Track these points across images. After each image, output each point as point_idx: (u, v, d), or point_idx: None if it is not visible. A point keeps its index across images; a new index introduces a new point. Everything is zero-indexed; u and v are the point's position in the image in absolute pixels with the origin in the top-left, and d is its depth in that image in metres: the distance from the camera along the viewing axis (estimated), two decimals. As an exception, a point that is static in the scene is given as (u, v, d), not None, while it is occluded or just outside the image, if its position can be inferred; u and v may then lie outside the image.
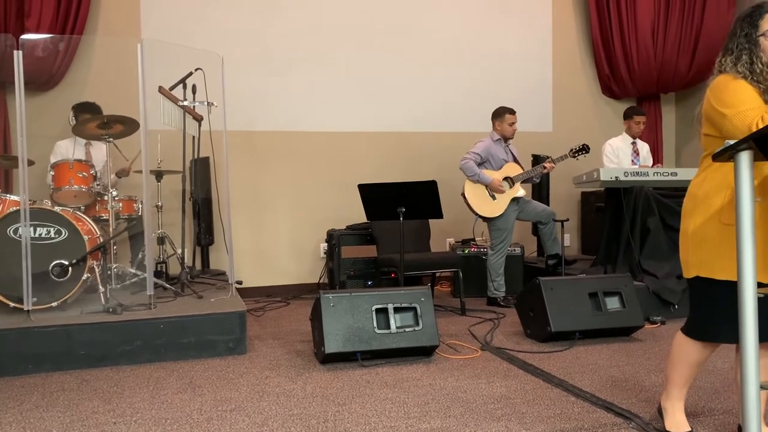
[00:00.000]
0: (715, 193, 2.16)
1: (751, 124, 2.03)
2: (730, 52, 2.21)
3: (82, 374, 3.38)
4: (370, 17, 6.09)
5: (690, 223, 2.24)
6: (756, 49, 2.16)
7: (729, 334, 2.11)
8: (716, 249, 2.14)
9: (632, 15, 6.47)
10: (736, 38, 2.21)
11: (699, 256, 2.19)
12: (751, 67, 2.15)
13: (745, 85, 2.14)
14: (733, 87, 2.15)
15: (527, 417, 2.69)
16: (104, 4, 5.49)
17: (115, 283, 4.37)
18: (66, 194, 4.35)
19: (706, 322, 2.23)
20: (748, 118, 2.06)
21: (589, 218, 6.48)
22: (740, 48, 2.18)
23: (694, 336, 2.29)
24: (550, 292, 3.93)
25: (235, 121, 5.33)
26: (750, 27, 2.19)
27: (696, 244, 2.20)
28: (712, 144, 2.22)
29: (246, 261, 5.74)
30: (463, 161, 5.10)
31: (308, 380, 3.24)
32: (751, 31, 2.18)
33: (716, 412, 2.72)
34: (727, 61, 2.21)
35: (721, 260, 2.13)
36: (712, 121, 2.21)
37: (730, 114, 2.10)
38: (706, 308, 2.22)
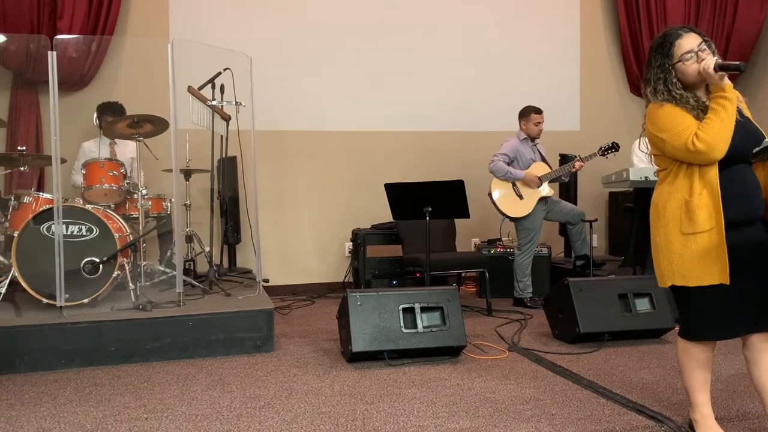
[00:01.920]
0: (671, 206, 2.29)
1: (687, 143, 2.18)
2: (648, 83, 2.34)
3: (113, 370, 3.42)
4: (396, 16, 6.08)
5: (656, 235, 2.37)
6: (670, 77, 2.28)
7: (712, 332, 2.30)
8: (683, 258, 2.26)
9: (662, 13, 6.38)
10: (652, 69, 2.33)
11: (670, 267, 2.31)
12: (670, 94, 2.27)
13: (672, 108, 2.26)
14: (662, 112, 2.29)
15: (557, 418, 2.66)
16: (134, 5, 5.56)
17: (145, 280, 4.43)
18: (97, 193, 4.41)
19: (693, 324, 2.34)
20: (682, 138, 2.21)
21: (617, 219, 6.41)
22: (656, 78, 2.31)
23: (688, 337, 2.38)
24: (579, 293, 3.89)
25: (262, 121, 5.36)
26: (663, 57, 2.29)
27: (665, 255, 2.32)
28: (662, 162, 2.39)
29: (272, 259, 5.77)
30: (491, 163, 5.08)
31: (336, 378, 3.25)
32: (664, 61, 2.28)
33: (750, 416, 2.67)
34: (647, 92, 2.34)
35: (689, 268, 2.25)
36: (654, 145, 2.36)
37: (667, 137, 2.25)
38: (689, 312, 2.34)
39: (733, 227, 2.19)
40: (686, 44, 2.25)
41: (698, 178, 2.22)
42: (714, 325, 2.28)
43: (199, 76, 4.81)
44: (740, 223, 2.21)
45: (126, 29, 5.55)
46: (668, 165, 2.33)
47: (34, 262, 3.76)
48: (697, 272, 2.22)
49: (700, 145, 2.15)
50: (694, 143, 2.16)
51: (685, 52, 2.25)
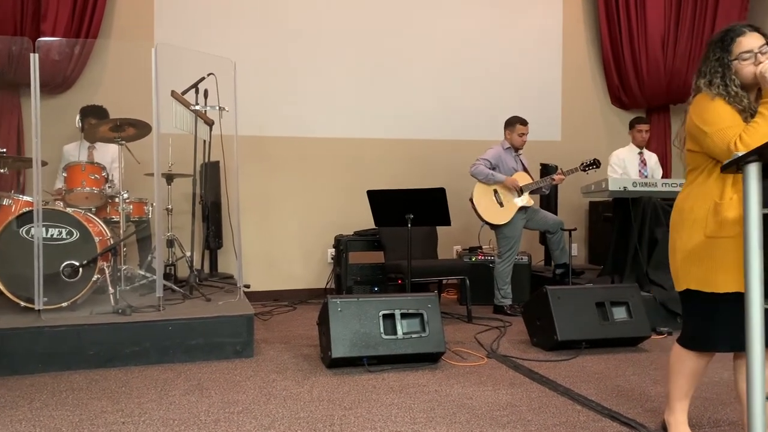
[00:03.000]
0: (699, 208, 2.23)
1: (730, 143, 2.12)
2: (703, 75, 2.28)
3: (91, 374, 3.41)
4: (381, 25, 6.13)
5: (677, 238, 2.31)
6: (729, 73, 2.22)
7: (724, 342, 2.20)
8: (704, 262, 2.20)
9: (642, 26, 6.49)
10: (708, 62, 2.27)
11: (688, 270, 2.26)
12: (726, 89, 2.21)
13: (724, 103, 2.20)
14: (713, 106, 2.22)
15: (532, 424, 2.69)
16: (118, 8, 5.56)
17: (125, 284, 4.41)
18: (78, 196, 4.39)
19: (700, 332, 2.28)
20: (727, 136, 2.13)
21: (597, 228, 6.49)
22: (713, 72, 2.24)
23: (690, 346, 2.33)
24: (557, 301, 3.94)
25: (246, 126, 5.36)
26: (722, 51, 2.24)
27: (684, 258, 2.27)
28: (695, 159, 2.31)
29: (254, 265, 5.76)
30: (473, 166, 5.14)
31: (315, 384, 3.26)
32: (723, 55, 2.23)
33: (722, 423, 2.72)
34: (701, 84, 2.28)
35: (709, 273, 2.19)
36: (694, 138, 2.29)
37: (711, 132, 2.18)
38: (700, 319, 2.28)
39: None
40: (747, 43, 2.20)
41: (731, 183, 2.17)
42: (724, 335, 2.19)
43: (183, 81, 4.82)
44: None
45: (110, 32, 5.55)
46: (701, 164, 2.27)
47: (13, 265, 3.73)
48: (716, 278, 2.16)
49: (742, 147, 2.07)
50: (737, 145, 2.08)
51: (744, 51, 2.19)
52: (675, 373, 2.41)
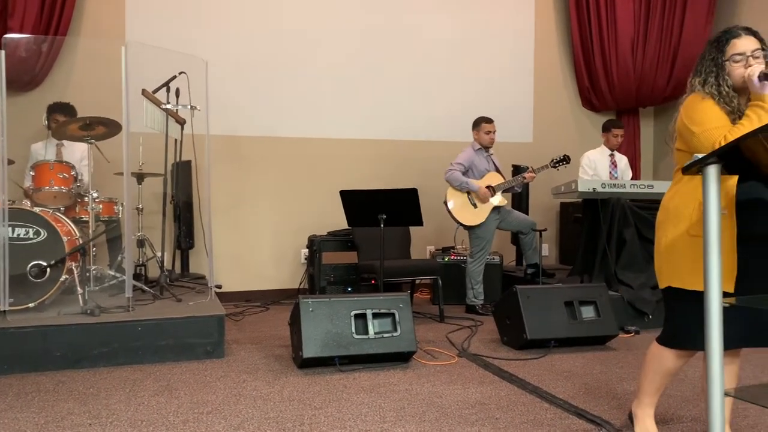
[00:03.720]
0: (685, 207, 2.26)
1: (715, 142, 2.16)
2: (699, 73, 2.31)
3: (58, 375, 3.36)
4: (354, 26, 6.14)
5: (662, 235, 2.34)
6: (722, 73, 2.26)
7: (702, 341, 2.15)
8: (686, 260, 2.23)
9: (612, 30, 6.59)
10: (704, 61, 2.31)
11: (670, 268, 2.29)
12: (718, 89, 2.25)
13: (713, 104, 2.25)
14: (702, 106, 2.26)
15: (500, 422, 2.73)
16: (89, 6, 5.49)
17: (94, 285, 4.35)
18: (46, 195, 4.32)
19: (680, 331, 2.30)
20: (713, 136, 2.18)
21: (568, 228, 6.57)
22: (707, 71, 2.28)
23: (669, 344, 2.35)
24: (526, 300, 3.99)
25: (219, 126, 5.35)
26: (717, 51, 2.28)
27: (668, 256, 2.30)
28: (683, 158, 2.33)
29: (226, 265, 5.73)
30: (448, 172, 5.17)
31: (285, 384, 3.26)
32: (717, 56, 2.27)
33: (685, 419, 2.78)
34: (695, 82, 2.31)
35: (690, 271, 2.21)
36: (683, 137, 2.33)
37: (698, 132, 2.23)
38: (680, 317, 2.30)
39: (744, 241, 2.16)
40: (741, 46, 2.24)
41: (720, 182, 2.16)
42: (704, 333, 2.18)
43: (155, 80, 4.78)
44: (750, 238, 2.17)
45: (80, 30, 5.47)
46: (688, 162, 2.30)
47: (-22, 265, 3.67)
48: (699, 276, 2.09)
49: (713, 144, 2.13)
50: (722, 144, 2.09)
51: (737, 53, 2.23)
52: (651, 370, 2.43)
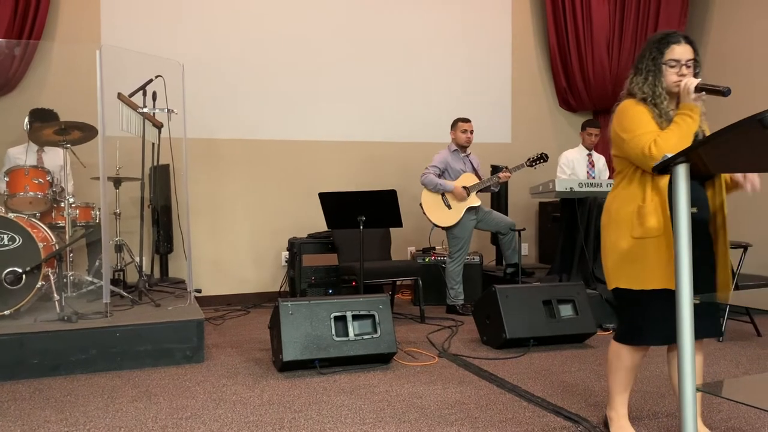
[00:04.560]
0: (624, 210, 2.35)
1: (644, 148, 2.25)
2: (640, 72, 2.38)
3: (35, 383, 3.33)
4: (331, 28, 6.14)
5: (606, 238, 2.43)
6: (659, 74, 2.34)
7: (656, 336, 2.33)
8: (631, 261, 2.32)
9: (588, 31, 6.66)
10: (645, 60, 2.38)
11: (616, 270, 2.38)
12: (653, 89, 2.34)
13: (644, 110, 2.33)
14: (632, 113, 2.35)
15: (479, 422, 2.75)
16: (63, 10, 5.43)
17: (72, 291, 4.31)
18: (21, 201, 4.28)
19: (633, 328, 2.39)
20: (642, 141, 2.27)
21: (547, 228, 6.62)
22: (647, 70, 2.36)
23: (624, 341, 2.43)
24: (505, 300, 4.02)
25: (196, 129, 5.33)
26: (657, 52, 2.35)
27: (614, 258, 2.38)
28: (620, 163, 2.45)
29: (206, 269, 5.71)
30: (423, 176, 5.21)
31: (265, 388, 3.25)
32: (657, 56, 2.34)
33: (660, 415, 2.83)
34: (637, 80, 2.38)
35: (637, 271, 2.30)
36: (615, 143, 2.42)
37: (628, 138, 2.32)
38: (631, 315, 2.39)
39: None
40: (678, 52, 2.32)
41: (650, 185, 2.28)
42: (656, 330, 2.31)
43: (131, 83, 4.75)
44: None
45: (55, 34, 5.41)
46: (625, 168, 2.40)
47: (-48, 273, 3.63)
48: (643, 276, 2.27)
49: (655, 151, 2.20)
50: (651, 149, 2.22)
51: (674, 58, 2.32)
52: (614, 368, 2.50)
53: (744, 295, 4.38)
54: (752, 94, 5.96)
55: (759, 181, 2.36)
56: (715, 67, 6.45)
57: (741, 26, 6.19)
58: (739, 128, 1.81)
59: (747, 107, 2.96)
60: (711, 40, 6.53)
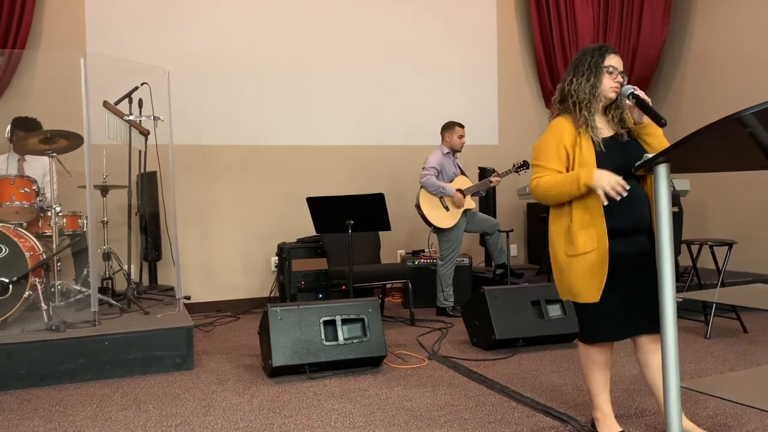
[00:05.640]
0: (555, 229, 2.50)
1: (532, 180, 2.50)
2: (580, 74, 2.49)
3: (23, 394, 3.31)
4: (318, 31, 6.15)
5: (551, 253, 2.55)
6: (600, 77, 2.46)
7: (604, 335, 2.49)
8: (569, 277, 2.44)
9: (573, 33, 6.71)
10: (586, 63, 2.48)
11: (560, 284, 2.52)
12: (594, 90, 2.46)
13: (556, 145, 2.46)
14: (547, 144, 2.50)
15: (469, 423, 2.76)
16: (47, 18, 5.41)
17: (59, 300, 4.28)
18: (7, 210, 4.25)
19: (585, 330, 2.53)
20: (535, 174, 2.50)
21: (535, 228, 6.65)
22: (590, 72, 2.47)
23: (585, 341, 2.56)
24: (494, 301, 4.04)
25: (184, 135, 5.32)
26: (599, 57, 2.48)
27: (556, 274, 2.53)
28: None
29: (195, 276, 5.69)
30: (423, 178, 5.21)
31: (255, 394, 3.25)
32: (599, 60, 2.47)
33: (648, 412, 2.85)
34: (578, 82, 2.47)
35: (575, 286, 2.44)
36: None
37: (532, 163, 2.55)
38: (583, 320, 2.52)
39: (620, 236, 2.36)
40: (615, 61, 2.47)
41: (580, 204, 2.39)
42: (605, 330, 2.46)
43: (117, 91, 4.75)
44: (626, 232, 2.39)
45: (40, 43, 5.39)
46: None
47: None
48: (580, 290, 2.41)
49: (534, 190, 2.48)
50: (533, 185, 2.48)
51: (612, 65, 2.46)
52: (586, 368, 2.59)
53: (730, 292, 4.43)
54: (734, 93, 6.03)
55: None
56: (698, 68, 6.52)
57: (723, 26, 6.26)
58: (718, 128, 1.84)
59: (729, 107, 2.99)
60: (694, 41, 6.60)
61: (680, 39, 6.76)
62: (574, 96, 2.46)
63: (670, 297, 1.99)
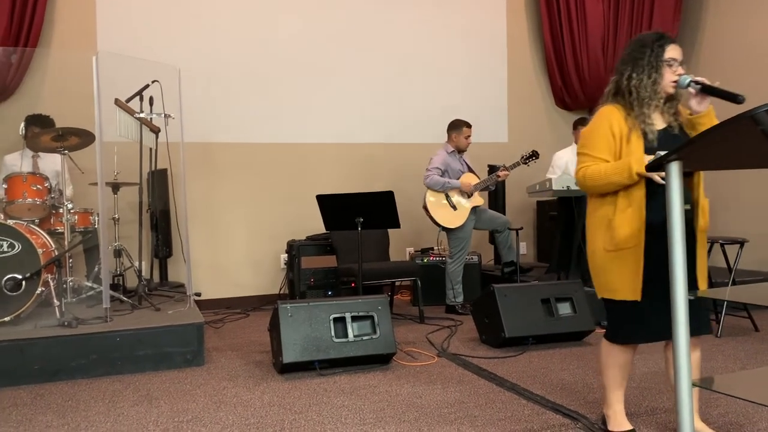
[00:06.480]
0: (595, 222, 2.43)
1: (578, 170, 2.41)
2: (641, 69, 2.35)
3: (36, 389, 3.34)
4: (326, 32, 6.16)
5: (588, 248, 2.50)
6: (661, 72, 2.34)
7: (635, 336, 2.43)
8: (607, 275, 2.40)
9: (583, 30, 6.68)
10: (646, 57, 2.35)
11: (598, 281, 2.47)
12: (656, 87, 2.34)
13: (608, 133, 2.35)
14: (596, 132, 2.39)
15: (479, 420, 2.77)
16: (59, 16, 5.44)
17: (71, 296, 4.33)
18: (19, 207, 4.29)
19: (618, 329, 2.47)
20: (581, 163, 2.41)
21: (545, 226, 6.64)
22: (651, 67, 2.34)
23: (613, 340, 2.51)
24: (504, 299, 4.03)
25: (193, 133, 5.34)
26: (659, 49, 2.34)
27: (593, 270, 2.47)
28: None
29: (205, 273, 5.72)
30: (427, 178, 5.21)
31: (266, 390, 3.27)
32: (659, 52, 2.34)
33: (658, 411, 2.84)
34: (639, 78, 2.35)
35: (606, 284, 2.40)
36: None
37: (579, 152, 2.45)
38: (618, 319, 2.46)
39: (661, 233, 2.18)
40: (674, 53, 2.35)
41: (624, 195, 2.31)
42: (640, 330, 2.39)
43: (128, 89, 4.77)
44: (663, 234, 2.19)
45: (51, 41, 5.42)
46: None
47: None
48: (619, 286, 2.35)
49: (581, 180, 2.39)
50: (579, 175, 2.40)
51: (672, 57, 2.34)
52: (606, 366, 2.55)
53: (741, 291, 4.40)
54: (746, 92, 5.98)
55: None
56: (709, 66, 6.48)
57: (735, 24, 6.22)
58: (731, 125, 1.84)
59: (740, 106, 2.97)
60: (705, 39, 6.56)
61: (691, 37, 6.71)
62: (634, 93, 2.34)
63: (681, 296, 1.98)
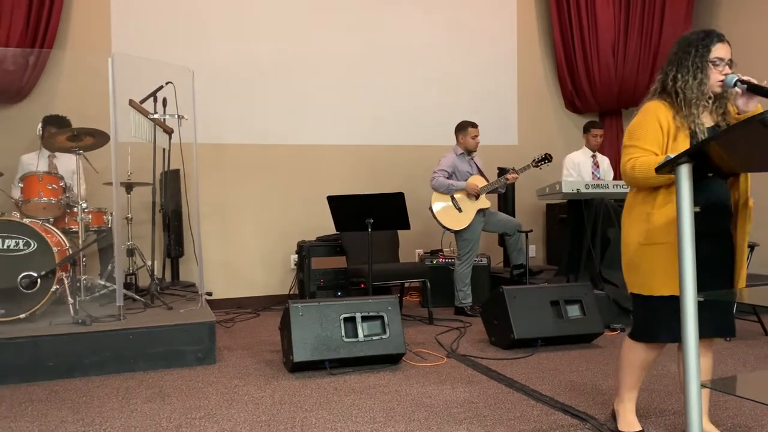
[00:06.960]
0: (634, 216, 2.39)
1: (626, 162, 2.33)
2: (686, 70, 2.30)
3: (51, 385, 3.39)
4: (338, 33, 6.20)
5: (623, 243, 2.46)
6: (706, 72, 2.29)
7: (666, 335, 2.38)
8: (640, 268, 2.37)
9: (594, 33, 6.69)
10: (691, 57, 2.30)
11: (631, 276, 2.44)
12: (703, 88, 2.29)
13: (656, 127, 2.32)
14: (646, 124, 2.35)
15: (488, 420, 2.79)
16: (74, 18, 5.51)
17: (85, 295, 4.37)
18: (35, 206, 4.35)
19: (645, 327, 2.44)
20: (630, 155, 2.33)
21: (554, 229, 6.65)
22: (696, 68, 2.29)
23: (639, 339, 2.48)
24: (513, 301, 4.05)
25: (206, 134, 5.38)
26: (704, 49, 2.29)
27: (627, 265, 2.44)
28: None
29: (217, 273, 5.77)
30: (433, 180, 5.24)
31: (277, 388, 3.30)
32: (704, 53, 2.29)
33: (667, 412, 2.86)
34: (685, 79, 2.30)
35: (645, 278, 2.37)
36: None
37: (627, 144, 2.39)
38: (646, 315, 2.44)
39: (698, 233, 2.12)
40: (722, 51, 2.28)
41: (665, 192, 2.27)
42: (666, 329, 2.34)
43: (142, 90, 4.82)
44: (704, 235, 2.15)
45: (66, 42, 5.50)
46: None
47: (-31, 277, 3.70)
48: (651, 284, 2.33)
49: (629, 171, 2.30)
50: (628, 167, 2.31)
51: (718, 57, 2.28)
52: (626, 364, 2.54)
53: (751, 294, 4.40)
54: (758, 94, 5.96)
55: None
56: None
57: (747, 27, 6.20)
58: (741, 129, 1.85)
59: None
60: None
61: (702, 40, 6.69)
62: (680, 94, 2.30)
63: (690, 297, 2.00)
